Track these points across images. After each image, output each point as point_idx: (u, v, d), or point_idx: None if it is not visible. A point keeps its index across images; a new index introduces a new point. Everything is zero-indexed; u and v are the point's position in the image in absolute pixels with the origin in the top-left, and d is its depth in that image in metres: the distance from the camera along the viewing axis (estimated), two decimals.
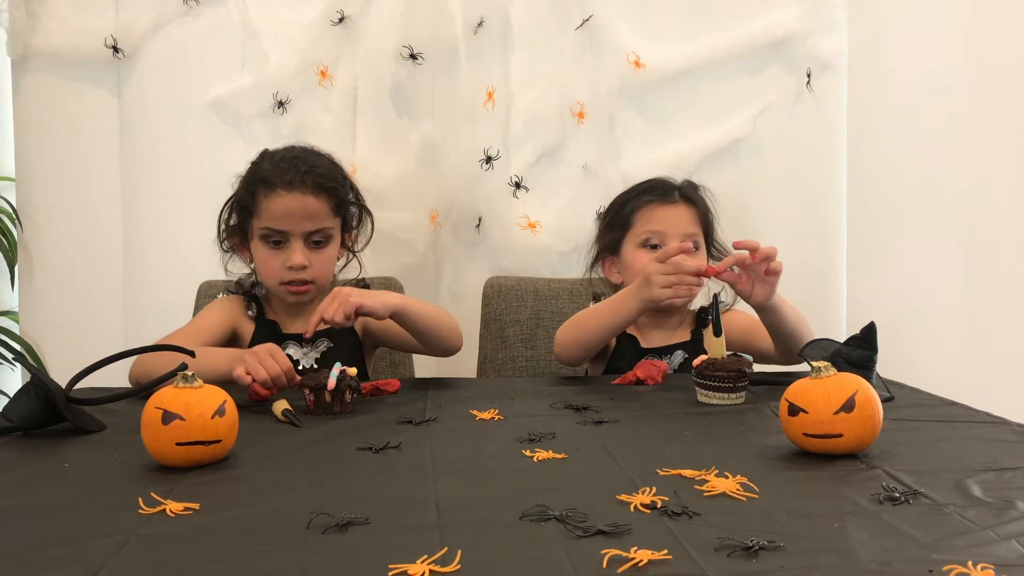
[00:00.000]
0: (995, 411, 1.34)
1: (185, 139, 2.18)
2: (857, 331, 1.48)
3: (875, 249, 2.39)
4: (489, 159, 2.22)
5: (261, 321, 1.78)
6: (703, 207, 1.87)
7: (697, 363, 1.47)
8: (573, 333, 1.72)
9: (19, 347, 2.34)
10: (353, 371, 1.42)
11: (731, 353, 1.48)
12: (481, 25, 2.20)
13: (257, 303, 1.79)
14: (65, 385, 1.32)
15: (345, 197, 1.78)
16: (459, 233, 2.28)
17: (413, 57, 2.21)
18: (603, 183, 2.18)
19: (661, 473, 1.04)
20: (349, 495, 0.98)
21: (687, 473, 1.04)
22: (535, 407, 1.44)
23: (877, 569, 0.76)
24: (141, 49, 2.17)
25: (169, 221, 2.19)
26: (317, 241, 1.73)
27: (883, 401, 1.16)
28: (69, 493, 1.01)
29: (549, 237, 2.24)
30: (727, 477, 1.01)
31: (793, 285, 1.67)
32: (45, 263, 2.25)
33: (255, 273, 1.80)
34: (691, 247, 1.73)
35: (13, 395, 1.31)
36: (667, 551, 0.79)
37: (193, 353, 1.44)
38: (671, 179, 1.91)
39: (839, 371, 1.15)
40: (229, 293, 1.83)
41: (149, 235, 2.21)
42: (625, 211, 1.88)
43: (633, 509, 0.92)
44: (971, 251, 2.43)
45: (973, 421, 1.30)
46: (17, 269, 2.39)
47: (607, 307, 1.70)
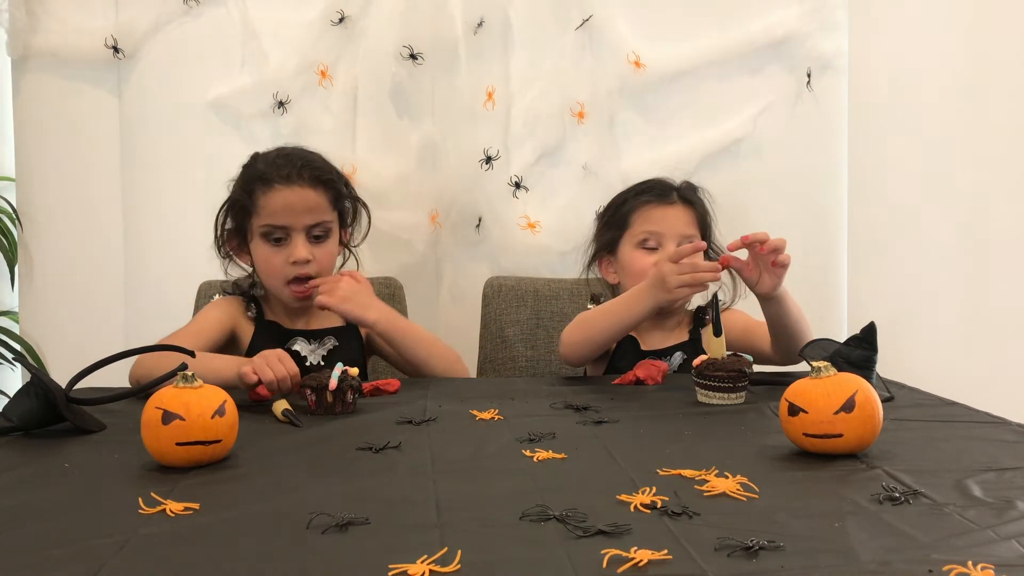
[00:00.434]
0: (995, 411, 1.34)
1: (185, 139, 2.18)
2: (857, 331, 1.48)
3: (875, 249, 2.39)
4: (489, 159, 2.22)
5: (261, 322, 1.78)
6: (701, 208, 1.87)
7: (697, 363, 1.47)
8: (581, 333, 1.72)
9: (19, 347, 2.34)
10: (355, 371, 1.42)
11: (731, 353, 1.48)
12: (481, 25, 2.20)
13: (256, 304, 1.79)
14: (65, 385, 1.32)
15: (341, 190, 1.78)
16: (459, 233, 2.28)
17: (413, 57, 2.21)
18: (603, 183, 2.17)
19: (661, 473, 1.05)
20: (349, 495, 0.98)
21: (687, 473, 1.04)
22: (535, 407, 1.44)
23: (877, 569, 0.76)
24: (141, 49, 2.17)
25: (169, 221, 2.19)
26: (317, 235, 1.73)
27: (883, 401, 1.16)
28: (69, 493, 1.01)
29: (549, 237, 2.24)
30: (727, 477, 1.02)
31: (793, 285, 1.67)
32: (45, 263, 2.25)
33: (253, 274, 1.80)
34: (706, 246, 1.73)
35: (13, 395, 1.31)
36: (667, 551, 0.79)
37: (193, 353, 1.44)
38: (670, 180, 1.90)
39: (839, 371, 1.15)
40: (226, 294, 1.82)
41: (149, 235, 2.21)
42: (623, 211, 1.88)
43: (633, 509, 0.92)
44: (971, 251, 2.43)
45: (973, 421, 1.30)
46: (17, 269, 2.39)
47: (617, 307, 1.69)
